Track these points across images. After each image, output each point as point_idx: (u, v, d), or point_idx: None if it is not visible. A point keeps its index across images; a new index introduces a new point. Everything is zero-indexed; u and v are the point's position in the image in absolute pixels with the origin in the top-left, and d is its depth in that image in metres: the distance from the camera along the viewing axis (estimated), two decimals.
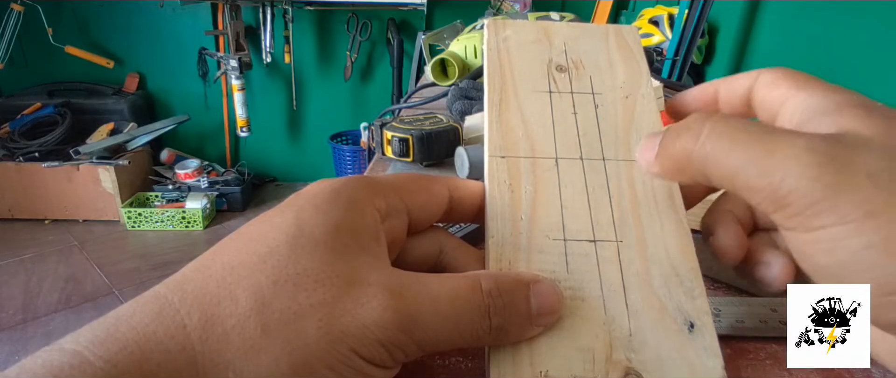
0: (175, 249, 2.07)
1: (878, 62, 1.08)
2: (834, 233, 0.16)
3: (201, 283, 0.17)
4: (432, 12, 2.43)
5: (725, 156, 0.18)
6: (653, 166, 0.21)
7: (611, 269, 0.22)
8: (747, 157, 0.18)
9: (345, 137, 2.58)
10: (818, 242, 0.17)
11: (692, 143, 0.19)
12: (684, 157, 0.20)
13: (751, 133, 0.18)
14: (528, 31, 0.31)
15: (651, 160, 0.21)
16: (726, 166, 0.18)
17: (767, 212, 0.18)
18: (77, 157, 2.10)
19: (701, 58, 1.76)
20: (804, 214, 0.17)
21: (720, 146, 0.19)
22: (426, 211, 0.23)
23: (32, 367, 0.14)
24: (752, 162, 0.18)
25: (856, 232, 0.16)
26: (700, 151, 0.19)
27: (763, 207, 0.18)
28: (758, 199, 0.18)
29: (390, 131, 0.53)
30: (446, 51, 0.87)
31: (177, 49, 2.45)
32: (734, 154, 0.18)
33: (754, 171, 0.18)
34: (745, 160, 0.18)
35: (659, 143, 0.21)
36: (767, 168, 0.17)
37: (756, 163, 0.18)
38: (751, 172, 0.18)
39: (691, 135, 0.19)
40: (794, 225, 0.17)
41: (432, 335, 0.18)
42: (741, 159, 0.18)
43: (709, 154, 0.19)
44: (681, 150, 0.20)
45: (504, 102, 0.27)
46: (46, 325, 1.59)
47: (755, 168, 0.18)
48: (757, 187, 0.18)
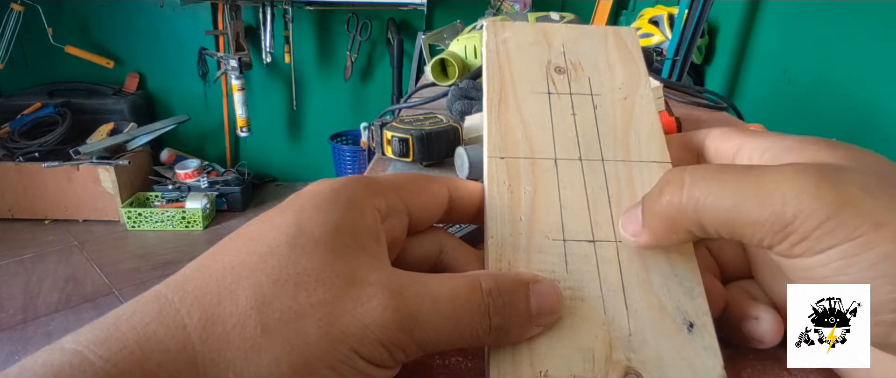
0: (175, 249, 2.07)
1: (879, 62, 1.08)
2: (845, 250, 0.16)
3: (202, 283, 0.17)
4: (432, 12, 2.43)
5: (717, 197, 0.18)
6: (641, 236, 0.21)
7: (610, 269, 0.22)
8: (739, 192, 0.18)
9: (345, 137, 2.58)
10: (828, 264, 0.16)
11: (678, 196, 0.19)
12: (673, 212, 0.19)
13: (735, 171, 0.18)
14: (527, 32, 0.31)
15: (638, 230, 0.21)
16: (720, 207, 0.18)
17: (771, 245, 0.17)
18: (77, 157, 2.10)
19: (701, 58, 1.76)
20: (812, 237, 0.16)
21: (709, 189, 0.18)
22: (426, 211, 0.23)
23: (33, 366, 0.14)
24: (746, 195, 0.17)
25: (867, 245, 0.16)
26: (688, 200, 0.19)
27: (766, 241, 0.17)
28: (760, 233, 0.17)
29: (390, 131, 0.53)
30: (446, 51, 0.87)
31: (177, 49, 2.45)
32: (725, 193, 0.18)
33: (751, 203, 0.17)
34: (738, 196, 0.17)
35: (640, 210, 0.21)
36: (763, 198, 0.17)
37: (750, 196, 0.17)
38: (748, 206, 0.17)
39: (674, 187, 0.19)
40: (800, 251, 0.17)
41: (432, 335, 0.18)
42: (734, 196, 0.18)
43: (699, 199, 0.18)
44: (667, 206, 0.19)
45: (503, 103, 0.27)
46: (46, 325, 1.59)
47: (751, 200, 0.17)
48: (759, 219, 0.17)
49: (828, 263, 0.16)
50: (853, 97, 1.15)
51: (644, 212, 0.21)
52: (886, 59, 1.05)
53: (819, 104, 1.27)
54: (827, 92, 1.24)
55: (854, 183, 0.16)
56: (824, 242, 0.16)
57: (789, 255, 0.17)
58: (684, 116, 0.69)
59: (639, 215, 0.21)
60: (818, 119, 1.26)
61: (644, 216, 0.21)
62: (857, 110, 1.13)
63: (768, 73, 1.49)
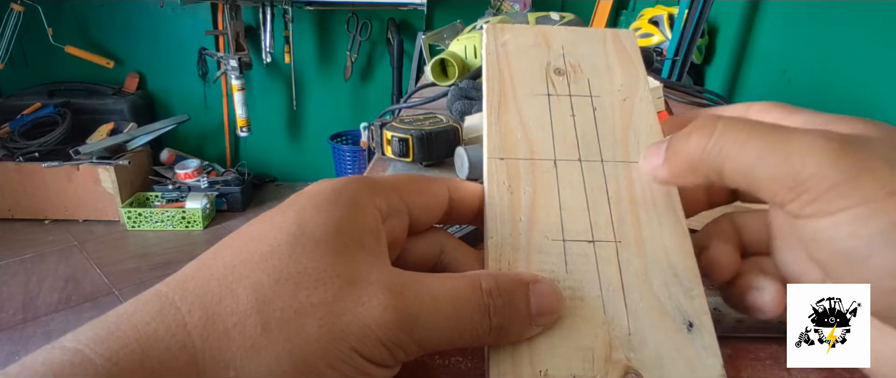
0: (175, 249, 2.07)
1: (879, 62, 1.08)
2: (856, 213, 0.16)
3: (202, 282, 0.17)
4: (432, 12, 2.43)
5: (741, 149, 0.19)
6: (660, 171, 0.22)
7: (610, 269, 0.22)
8: (764, 147, 0.18)
9: (345, 137, 2.58)
10: (838, 226, 0.17)
11: (705, 141, 0.19)
12: (697, 156, 0.20)
13: (764, 128, 0.19)
14: (527, 35, 0.31)
15: (658, 165, 0.22)
16: (743, 159, 0.19)
17: (784, 202, 0.18)
18: (77, 157, 2.10)
19: (701, 58, 1.76)
20: (824, 198, 0.17)
21: (735, 140, 0.19)
22: (427, 211, 0.23)
23: (33, 364, 0.14)
24: (769, 152, 0.18)
25: (879, 211, 0.16)
26: (714, 147, 0.19)
27: (779, 197, 0.18)
28: (774, 187, 0.18)
29: (390, 131, 0.53)
30: (446, 51, 0.87)
31: (177, 49, 2.45)
32: (750, 146, 0.18)
33: (772, 160, 0.18)
34: (761, 151, 0.18)
35: (666, 147, 0.21)
36: (785, 156, 0.18)
37: (773, 152, 0.18)
38: (768, 162, 0.18)
39: (704, 133, 0.20)
40: (812, 211, 0.17)
41: (433, 334, 0.18)
42: (757, 151, 0.18)
43: (723, 148, 0.19)
44: (694, 149, 0.20)
45: (503, 105, 0.27)
46: (46, 325, 1.59)
47: (773, 157, 0.18)
48: (776, 175, 0.18)
49: (838, 225, 0.17)
50: (853, 97, 1.15)
51: (669, 148, 0.21)
52: (886, 59, 1.05)
53: (819, 104, 1.26)
54: (827, 92, 1.24)
55: (877, 153, 0.17)
56: (836, 204, 0.17)
57: (800, 215, 0.18)
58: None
59: (663, 151, 0.21)
60: None
61: (668, 152, 0.21)
62: (858, 110, 1.13)
63: (768, 73, 1.49)
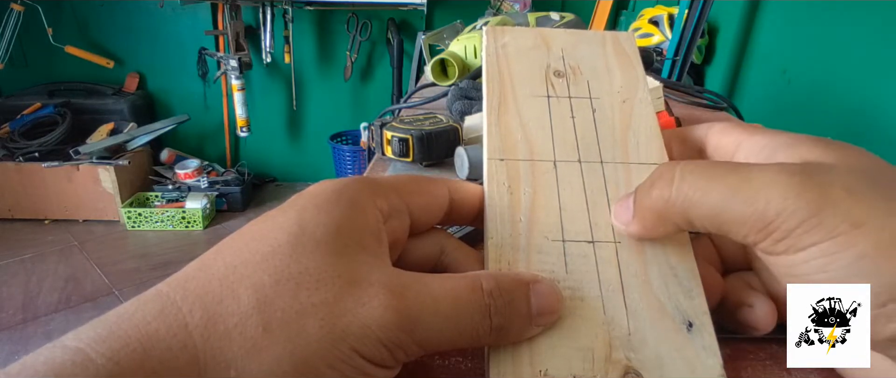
0: (175, 249, 2.07)
1: (879, 62, 1.08)
2: (824, 248, 0.16)
3: (203, 282, 0.17)
4: (432, 12, 2.43)
5: (704, 194, 0.19)
6: (631, 225, 0.22)
7: (609, 269, 0.22)
8: (727, 190, 0.18)
9: (345, 137, 2.58)
10: (809, 261, 0.17)
11: (668, 190, 0.20)
12: (662, 206, 0.20)
13: (723, 169, 0.19)
14: (527, 37, 0.31)
15: (629, 220, 0.22)
16: (707, 203, 0.19)
17: (755, 242, 0.18)
18: (77, 157, 2.10)
19: (701, 58, 1.76)
20: (793, 235, 0.17)
21: (697, 185, 0.19)
22: (427, 212, 0.23)
23: (34, 364, 0.14)
24: (732, 194, 0.18)
25: (845, 244, 0.16)
26: (677, 195, 0.19)
27: (751, 238, 0.18)
28: (744, 230, 0.18)
29: (390, 131, 0.53)
30: (446, 51, 0.87)
31: (177, 49, 2.45)
32: (713, 190, 0.19)
33: (737, 201, 0.18)
34: (725, 194, 0.18)
35: (632, 200, 0.22)
36: (749, 196, 0.18)
37: (737, 194, 0.18)
38: (734, 204, 0.18)
39: (664, 182, 0.20)
40: (782, 249, 0.17)
41: (433, 335, 0.18)
42: (721, 193, 0.18)
43: (687, 195, 0.19)
44: (657, 200, 0.20)
45: (503, 106, 0.27)
46: (46, 325, 1.59)
47: (737, 199, 0.18)
48: (742, 217, 0.18)
49: (808, 261, 0.17)
50: (853, 97, 1.15)
51: (635, 203, 0.21)
52: (886, 59, 1.05)
53: (819, 104, 1.27)
54: (827, 92, 1.24)
55: (837, 183, 0.17)
56: (805, 240, 0.17)
57: (772, 253, 0.18)
58: (684, 116, 0.69)
59: (630, 205, 0.22)
60: (818, 119, 1.26)
61: (635, 207, 0.21)
62: (857, 110, 1.13)
63: (768, 73, 1.49)
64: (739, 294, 0.23)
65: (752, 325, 0.22)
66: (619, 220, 0.22)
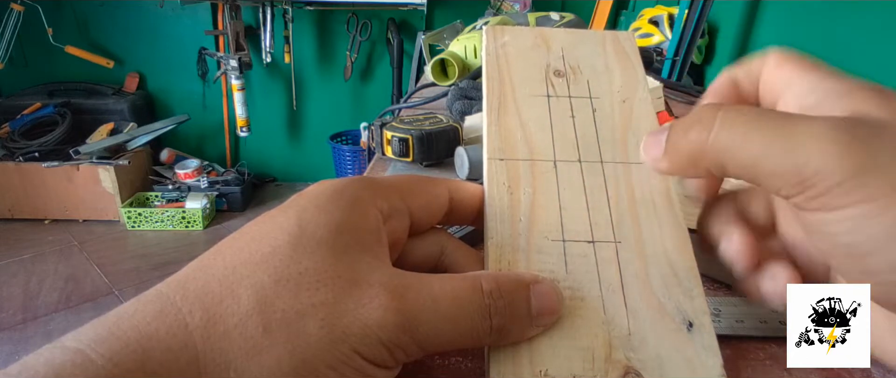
0: (175, 249, 2.07)
1: (879, 62, 1.08)
2: (861, 210, 0.16)
3: (203, 282, 0.17)
4: (432, 12, 2.43)
5: (743, 143, 0.18)
6: (660, 162, 0.21)
7: (609, 269, 0.22)
8: (767, 141, 0.17)
9: (345, 137, 2.58)
10: (842, 221, 0.17)
11: (705, 134, 0.19)
12: (697, 150, 0.19)
13: (766, 118, 0.18)
14: (526, 37, 0.31)
15: (658, 156, 0.21)
16: (745, 153, 0.18)
17: (789, 195, 0.18)
18: (77, 157, 2.10)
19: (701, 58, 1.76)
20: (830, 194, 0.16)
21: (736, 134, 0.18)
22: (427, 212, 0.23)
23: (35, 364, 0.14)
24: (772, 146, 0.17)
25: (885, 207, 0.16)
26: (714, 142, 0.19)
27: (784, 191, 0.18)
28: (780, 183, 0.17)
29: (390, 131, 0.53)
30: (446, 51, 0.87)
31: (177, 49, 2.45)
32: (752, 140, 0.18)
33: (776, 155, 0.17)
34: (764, 145, 0.17)
35: (665, 138, 0.21)
36: (789, 150, 0.17)
37: (777, 147, 0.17)
38: (772, 157, 0.17)
39: (703, 126, 0.19)
40: (817, 206, 0.17)
41: (433, 335, 0.18)
42: (760, 145, 0.18)
43: (724, 143, 0.18)
44: (693, 143, 0.19)
45: (502, 106, 0.27)
46: (46, 325, 1.59)
47: (776, 152, 0.17)
48: (779, 171, 0.17)
49: (842, 221, 0.17)
50: None
51: (668, 140, 0.20)
52: (886, 59, 1.05)
53: None
54: None
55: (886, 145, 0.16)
56: (841, 200, 0.16)
57: (806, 208, 0.17)
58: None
59: (663, 141, 0.21)
60: None
61: (667, 144, 0.20)
62: None
63: None
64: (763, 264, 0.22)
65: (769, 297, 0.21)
66: (648, 154, 0.21)
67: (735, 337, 0.26)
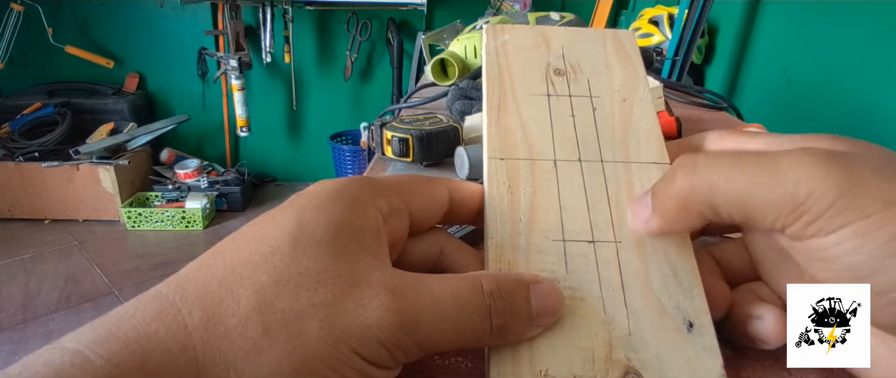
0: (175, 249, 2.07)
1: (879, 62, 1.08)
2: (858, 229, 0.16)
3: (203, 283, 0.17)
4: (432, 12, 2.43)
5: (729, 180, 0.18)
6: (650, 222, 0.21)
7: (610, 269, 0.22)
8: (752, 175, 0.18)
9: (345, 137, 2.58)
10: (841, 243, 0.17)
11: (690, 177, 0.19)
12: (686, 194, 0.19)
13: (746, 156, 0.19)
14: (527, 36, 0.31)
15: (647, 216, 0.21)
16: (734, 189, 0.18)
17: (784, 226, 0.18)
18: (77, 157, 2.10)
19: (701, 58, 1.76)
20: (825, 216, 0.17)
21: (721, 171, 0.19)
22: (427, 212, 0.23)
23: (34, 365, 0.14)
24: (759, 178, 0.18)
25: (879, 223, 0.16)
26: (702, 181, 0.19)
27: (780, 222, 0.18)
28: (773, 214, 0.18)
29: (390, 131, 0.53)
30: (446, 51, 0.87)
31: (177, 49, 2.45)
32: (738, 176, 0.18)
33: (764, 185, 0.18)
34: (751, 178, 0.18)
35: (650, 196, 0.21)
36: (776, 180, 0.17)
37: (763, 178, 0.18)
38: (761, 188, 0.18)
39: (686, 170, 0.19)
40: (813, 231, 0.17)
41: (433, 336, 0.18)
42: (747, 178, 0.18)
43: (712, 180, 0.19)
44: (681, 188, 0.20)
45: (503, 105, 0.27)
46: (46, 325, 1.59)
47: (765, 182, 0.18)
48: (772, 200, 0.17)
49: (841, 242, 0.17)
50: (853, 97, 1.15)
51: (654, 196, 0.21)
52: (886, 59, 1.05)
53: (819, 104, 1.27)
54: (827, 92, 1.24)
55: (864, 166, 0.17)
56: (837, 221, 0.16)
57: (802, 237, 0.18)
58: (684, 116, 0.69)
59: (648, 202, 0.21)
60: (818, 119, 1.26)
61: (654, 200, 0.21)
62: (857, 110, 1.13)
63: (768, 73, 1.49)
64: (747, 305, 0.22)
65: (761, 338, 0.21)
66: (637, 218, 0.22)
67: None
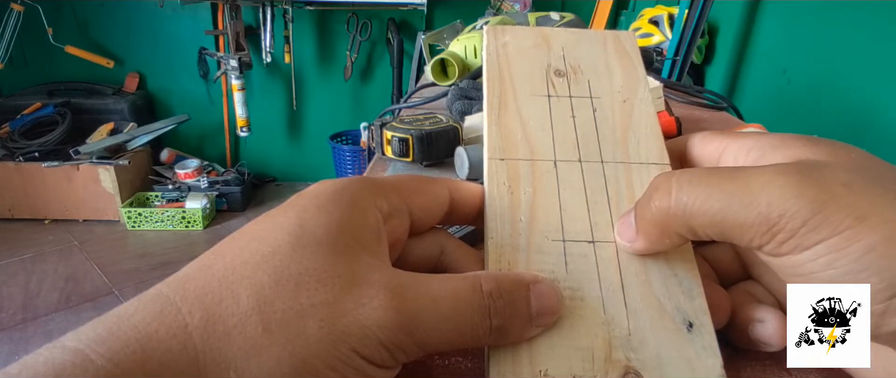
0: (175, 249, 2.07)
1: (878, 62, 1.08)
2: (831, 244, 0.16)
3: (203, 282, 0.17)
4: (432, 12, 2.43)
5: (704, 201, 0.19)
6: (636, 243, 0.21)
7: (609, 269, 0.22)
8: (726, 195, 0.18)
9: (345, 137, 2.58)
10: (816, 259, 0.17)
11: (667, 200, 0.19)
12: (663, 217, 0.20)
13: (719, 175, 0.19)
14: (527, 36, 0.31)
15: (633, 237, 0.21)
16: (708, 211, 0.18)
17: (760, 245, 0.18)
18: (77, 157, 2.10)
19: (701, 58, 1.76)
20: (798, 235, 0.17)
21: (695, 193, 0.19)
22: (427, 212, 0.23)
23: (35, 364, 0.14)
24: (732, 199, 0.18)
25: (852, 238, 0.16)
26: (676, 205, 0.19)
27: (755, 242, 0.18)
28: (748, 234, 0.18)
29: (390, 131, 0.53)
30: (446, 51, 0.87)
31: (177, 49, 2.45)
32: (712, 197, 0.18)
33: (738, 206, 0.18)
34: (725, 199, 0.18)
35: (633, 216, 0.21)
36: (750, 200, 0.18)
37: (737, 198, 0.18)
38: (735, 209, 0.18)
39: (662, 193, 0.20)
40: (788, 249, 0.17)
41: (433, 336, 0.18)
42: (721, 200, 0.18)
43: (687, 204, 0.19)
44: (657, 212, 0.20)
45: (503, 106, 0.27)
46: (46, 325, 1.59)
47: (738, 203, 0.18)
48: (746, 221, 0.18)
49: (816, 259, 0.17)
50: (853, 97, 1.15)
51: (636, 218, 0.21)
52: (886, 59, 1.05)
53: (819, 104, 1.27)
54: (827, 92, 1.24)
55: (835, 179, 0.17)
56: (811, 239, 0.17)
57: (778, 254, 0.18)
58: (684, 116, 0.69)
59: (632, 222, 0.21)
60: (818, 119, 1.26)
61: (637, 222, 0.21)
62: (857, 110, 1.13)
63: (768, 73, 1.49)
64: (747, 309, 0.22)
65: (764, 341, 0.22)
66: (623, 238, 0.22)
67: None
